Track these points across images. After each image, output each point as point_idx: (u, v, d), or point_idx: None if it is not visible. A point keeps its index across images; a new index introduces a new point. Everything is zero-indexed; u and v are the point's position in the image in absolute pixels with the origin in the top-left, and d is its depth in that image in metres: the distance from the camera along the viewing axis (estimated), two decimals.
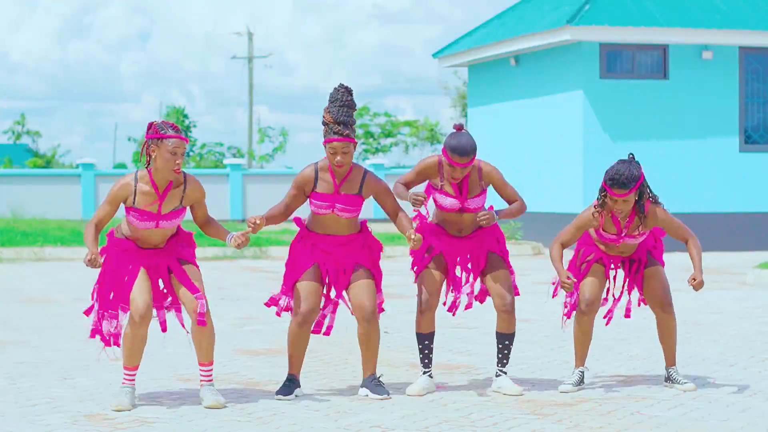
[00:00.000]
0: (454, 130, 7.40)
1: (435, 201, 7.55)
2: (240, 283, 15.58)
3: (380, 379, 7.47)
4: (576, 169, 21.51)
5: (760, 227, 21.91)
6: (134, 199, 6.99)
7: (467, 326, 10.85)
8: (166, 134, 6.96)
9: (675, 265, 8.28)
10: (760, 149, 22.10)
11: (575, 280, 7.60)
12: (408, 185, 7.57)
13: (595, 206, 7.53)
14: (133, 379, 7.07)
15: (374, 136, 52.97)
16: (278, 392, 7.33)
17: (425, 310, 7.56)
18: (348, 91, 7.35)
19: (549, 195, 22.19)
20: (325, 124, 7.28)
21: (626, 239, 7.60)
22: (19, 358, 8.98)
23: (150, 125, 7.05)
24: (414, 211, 7.55)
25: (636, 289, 7.92)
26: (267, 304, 7.48)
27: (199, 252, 20.37)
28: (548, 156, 22.48)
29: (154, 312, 7.25)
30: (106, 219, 7.04)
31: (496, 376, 7.61)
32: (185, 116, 51.79)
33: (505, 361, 7.61)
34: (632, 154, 7.54)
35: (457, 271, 7.70)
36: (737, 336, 10.21)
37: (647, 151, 21.29)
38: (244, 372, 8.36)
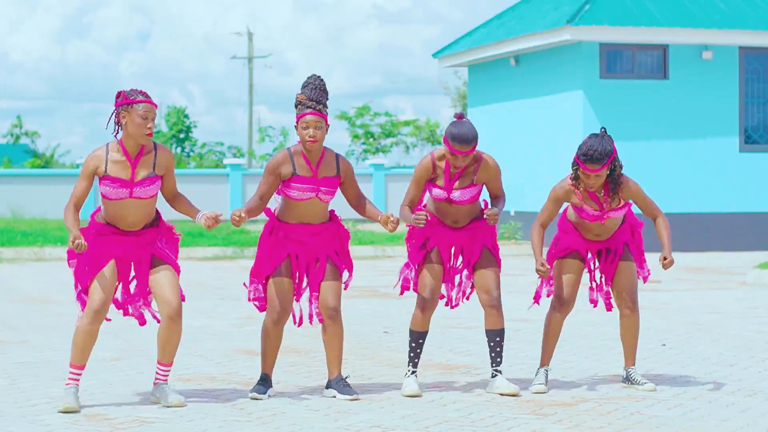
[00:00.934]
0: (455, 119, 7.39)
1: (429, 191, 7.56)
2: (240, 283, 15.56)
3: (347, 379, 7.46)
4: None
5: (760, 227, 21.91)
6: (106, 167, 6.97)
7: (467, 326, 10.84)
8: (136, 99, 6.98)
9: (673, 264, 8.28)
10: (760, 149, 22.10)
11: (549, 267, 7.58)
12: (413, 201, 7.51)
13: (570, 178, 7.53)
14: (78, 379, 7.01)
15: (374, 136, 52.95)
16: (253, 390, 7.33)
17: (427, 309, 7.53)
18: (320, 78, 7.37)
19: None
20: (298, 103, 7.29)
21: (610, 214, 7.59)
22: (19, 358, 8.98)
23: (119, 93, 7.04)
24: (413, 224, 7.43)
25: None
26: (249, 299, 7.48)
27: (199, 252, 20.38)
28: (548, 156, 22.48)
29: (130, 309, 7.26)
30: (83, 195, 7.00)
31: (492, 377, 7.60)
32: (186, 116, 51.77)
33: (498, 359, 7.58)
34: (604, 128, 7.54)
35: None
36: (737, 336, 10.21)
37: (647, 151, 21.29)
38: (243, 372, 8.36)
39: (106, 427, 6.47)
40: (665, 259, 7.49)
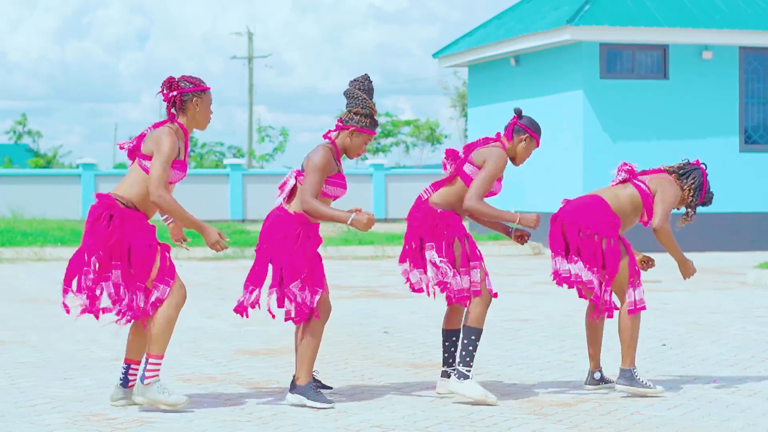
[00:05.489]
0: (517, 115, 7.56)
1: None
2: (240, 283, 15.54)
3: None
4: (576, 169, 21.51)
5: (760, 227, 21.92)
6: (179, 151, 6.93)
7: None
8: (207, 86, 7.00)
9: (672, 264, 8.29)
10: (760, 149, 22.10)
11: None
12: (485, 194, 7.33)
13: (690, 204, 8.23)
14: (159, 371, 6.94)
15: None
16: (325, 402, 7.01)
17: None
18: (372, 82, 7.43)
19: (549, 195, 22.19)
20: (369, 115, 7.24)
21: None
22: (19, 358, 8.98)
23: (182, 79, 6.93)
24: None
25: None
26: (304, 318, 7.10)
27: (199, 252, 20.37)
28: (548, 156, 22.48)
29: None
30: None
31: (448, 376, 7.41)
32: None
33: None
34: (696, 161, 8.08)
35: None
36: (737, 336, 10.21)
37: (647, 151, 21.29)
38: (244, 372, 8.36)
39: (106, 427, 6.46)
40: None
